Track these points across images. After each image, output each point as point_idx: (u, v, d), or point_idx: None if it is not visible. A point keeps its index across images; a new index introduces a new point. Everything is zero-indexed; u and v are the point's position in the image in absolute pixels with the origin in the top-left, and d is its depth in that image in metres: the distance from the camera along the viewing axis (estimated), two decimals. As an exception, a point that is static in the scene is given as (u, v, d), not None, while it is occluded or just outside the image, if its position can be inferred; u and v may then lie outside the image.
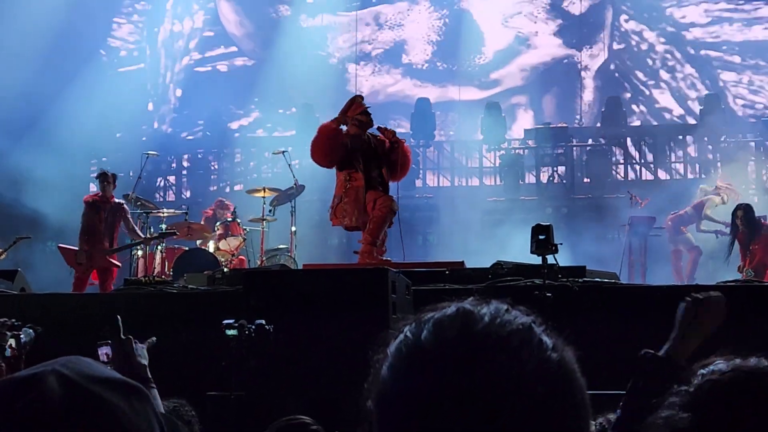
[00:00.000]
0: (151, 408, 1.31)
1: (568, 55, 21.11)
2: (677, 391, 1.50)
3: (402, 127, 20.05)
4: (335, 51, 21.79)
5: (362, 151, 10.04)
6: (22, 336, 4.47)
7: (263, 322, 6.12)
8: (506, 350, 1.16)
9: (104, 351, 5.31)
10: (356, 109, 10.12)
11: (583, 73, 21.07)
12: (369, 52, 21.93)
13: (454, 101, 21.17)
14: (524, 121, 20.89)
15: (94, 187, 12.64)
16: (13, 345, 4.38)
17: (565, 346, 1.23)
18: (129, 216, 12.21)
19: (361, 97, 10.37)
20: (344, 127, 10.13)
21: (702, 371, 1.52)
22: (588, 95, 21.03)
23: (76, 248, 11.97)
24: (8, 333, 4.41)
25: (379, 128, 10.24)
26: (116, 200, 12.25)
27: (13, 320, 4.52)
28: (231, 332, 6.08)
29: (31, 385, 1.25)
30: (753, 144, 18.51)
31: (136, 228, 12.26)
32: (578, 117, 20.84)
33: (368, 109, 10.14)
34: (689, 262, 13.67)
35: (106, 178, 12.08)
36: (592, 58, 21.14)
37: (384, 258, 9.94)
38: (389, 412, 1.19)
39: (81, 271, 11.93)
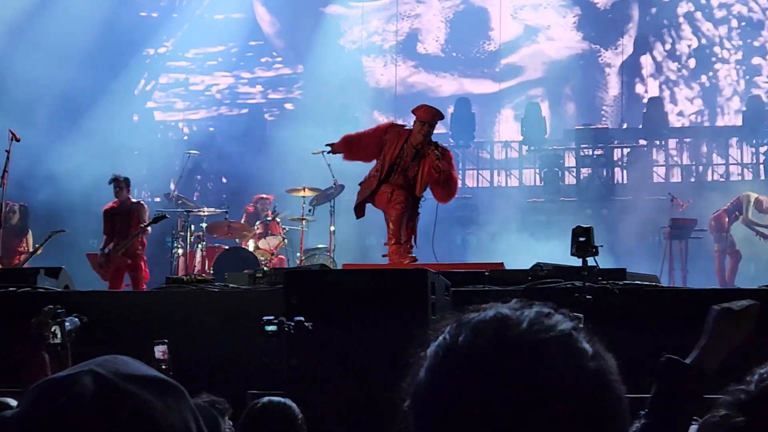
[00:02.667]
0: (187, 405, 1.33)
1: (587, 49, 20.92)
2: (733, 390, 1.50)
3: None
4: (353, 42, 21.80)
5: (394, 146, 10.06)
6: (67, 324, 4.51)
7: (302, 318, 6.15)
8: (542, 357, 1.16)
9: (160, 349, 5.39)
10: (420, 114, 10.15)
11: (607, 69, 20.91)
12: (380, 44, 21.90)
13: (471, 94, 21.15)
14: (543, 112, 20.80)
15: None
16: (58, 333, 4.43)
17: (606, 353, 1.22)
18: (143, 213, 12.21)
19: (432, 111, 10.23)
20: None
21: (761, 371, 1.52)
22: (613, 91, 20.87)
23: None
24: (51, 321, 4.46)
25: (433, 144, 10.15)
26: (133, 200, 12.32)
27: (58, 307, 4.57)
28: (270, 328, 6.11)
29: (66, 386, 1.27)
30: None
31: (145, 221, 12.18)
32: (603, 113, 20.70)
33: (428, 125, 10.08)
34: (729, 267, 13.55)
35: (117, 184, 12.15)
36: (616, 54, 20.95)
37: (411, 255, 10.00)
38: (424, 414, 1.20)
39: (102, 275, 12.06)
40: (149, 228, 12.12)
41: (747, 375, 1.52)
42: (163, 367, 5.36)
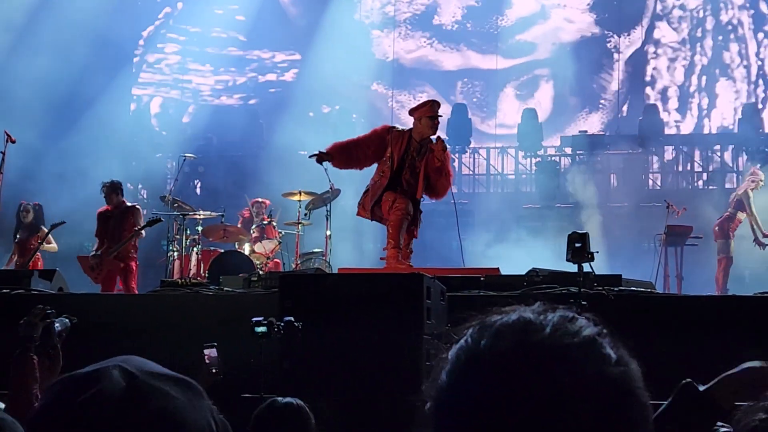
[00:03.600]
0: (207, 404, 1.34)
1: (600, 35, 20.92)
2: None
3: (426, 93, 20.25)
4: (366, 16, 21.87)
5: (401, 150, 10.07)
6: (56, 324, 4.49)
7: (292, 319, 6.14)
8: (564, 362, 1.14)
9: (209, 353, 5.36)
10: (427, 111, 10.15)
11: (615, 55, 20.94)
12: (393, 15, 21.95)
13: (479, 69, 21.20)
14: (544, 93, 20.79)
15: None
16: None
17: (630, 360, 1.20)
18: (137, 217, 12.19)
19: (438, 105, 10.34)
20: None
21: None
22: (616, 82, 20.92)
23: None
24: (40, 322, 4.43)
25: (431, 143, 10.18)
26: (128, 204, 12.29)
27: (47, 308, 4.54)
28: (260, 329, 6.10)
29: (95, 379, 1.29)
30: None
31: (140, 225, 12.19)
32: (603, 102, 20.73)
33: (437, 118, 10.15)
34: (720, 271, 13.52)
35: (107, 190, 12.15)
36: (626, 44, 20.97)
37: (408, 264, 9.99)
38: (445, 418, 1.19)
39: (94, 278, 12.04)
40: (143, 231, 12.10)
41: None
42: (213, 370, 5.34)
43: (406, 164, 10.07)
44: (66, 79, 17.99)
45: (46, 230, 13.31)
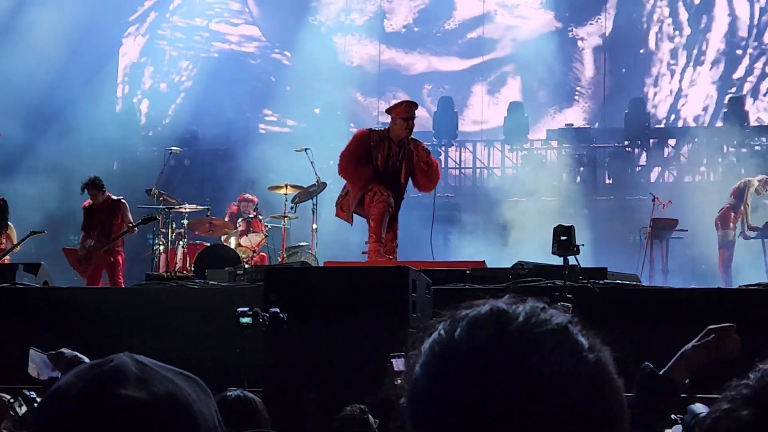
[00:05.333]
0: (213, 403, 1.35)
1: (560, 27, 20.93)
2: (737, 384, 1.48)
3: (397, 98, 20.31)
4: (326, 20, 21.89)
5: (383, 150, 10.10)
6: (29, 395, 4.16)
7: (278, 310, 6.13)
8: (540, 351, 1.15)
9: (399, 362, 5.30)
10: (402, 112, 10.18)
11: (580, 43, 20.98)
12: (351, 21, 21.97)
13: (441, 72, 21.27)
14: (512, 89, 20.83)
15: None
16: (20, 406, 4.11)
17: (603, 347, 1.21)
18: (125, 211, 12.16)
19: (414, 105, 10.39)
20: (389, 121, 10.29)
21: (764, 366, 1.51)
22: (588, 71, 20.98)
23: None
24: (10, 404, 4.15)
25: (412, 140, 10.23)
26: (113, 198, 12.24)
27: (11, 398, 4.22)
28: (245, 320, 6.09)
29: (109, 360, 1.30)
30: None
31: (130, 221, 12.15)
32: (576, 95, 20.79)
33: (412, 120, 10.17)
34: (721, 263, 13.57)
35: (89, 189, 12.08)
36: (590, 34, 21.01)
37: (391, 257, 10.00)
38: (421, 410, 1.19)
39: (81, 271, 12.02)
40: (137, 228, 12.10)
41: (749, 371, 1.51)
42: (398, 381, 5.25)
43: (390, 170, 10.12)
44: (48, 73, 17.93)
45: (11, 226, 13.07)
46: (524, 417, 1.11)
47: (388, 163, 10.12)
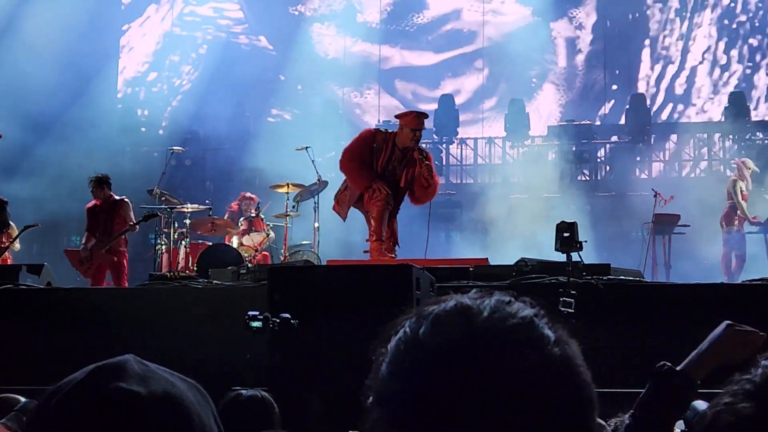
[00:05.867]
0: (212, 408, 1.36)
1: (532, 21, 20.94)
2: (739, 379, 1.48)
3: (372, 89, 20.30)
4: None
5: (386, 152, 10.08)
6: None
7: (288, 316, 6.11)
8: (506, 345, 1.15)
9: None
10: (410, 122, 10.11)
11: (555, 37, 21.00)
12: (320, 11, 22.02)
13: (413, 66, 21.31)
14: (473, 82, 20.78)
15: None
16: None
17: (569, 339, 1.21)
18: (127, 210, 12.16)
19: (424, 116, 10.35)
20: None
21: (764, 361, 1.51)
22: (561, 61, 21.00)
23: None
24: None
25: (419, 149, 10.17)
26: (116, 197, 12.25)
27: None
28: (255, 324, 6.05)
29: (114, 363, 1.31)
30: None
31: (132, 219, 12.15)
32: (560, 86, 20.83)
33: (419, 131, 10.12)
34: (734, 266, 13.58)
35: (94, 185, 12.12)
36: (567, 26, 21.05)
37: (392, 256, 9.98)
38: (389, 410, 1.18)
39: (84, 272, 12.03)
40: (137, 226, 12.08)
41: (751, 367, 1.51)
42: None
43: (388, 174, 10.09)
44: (48, 74, 17.94)
45: (13, 226, 13.11)
46: (493, 412, 1.11)
47: (388, 167, 10.09)
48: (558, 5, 20.67)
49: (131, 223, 11.94)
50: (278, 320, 6.08)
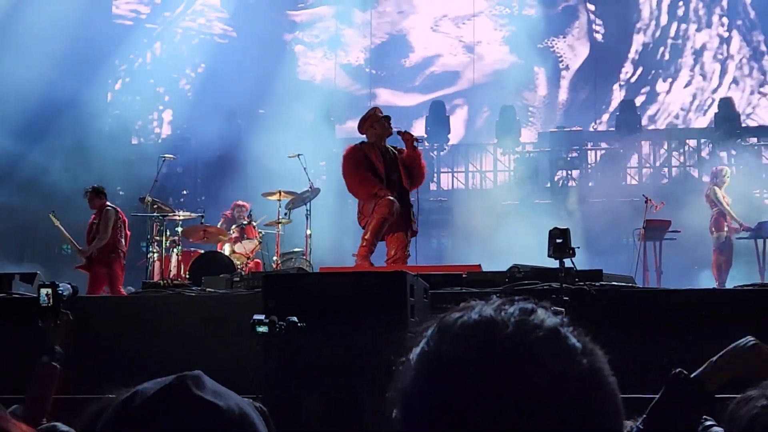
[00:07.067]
0: (263, 421, 1.43)
1: (516, 62, 21.15)
2: (764, 385, 1.48)
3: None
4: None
5: (383, 156, 10.11)
6: (60, 288, 4.49)
7: (295, 319, 6.08)
8: (532, 358, 1.12)
9: None
10: (374, 117, 10.24)
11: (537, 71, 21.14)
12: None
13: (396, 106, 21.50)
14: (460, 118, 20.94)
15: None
16: (50, 293, 4.40)
17: (595, 347, 1.18)
18: (105, 218, 12.23)
19: (380, 110, 10.48)
20: (365, 138, 10.25)
21: None
22: (541, 91, 21.15)
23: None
24: (57, 328, 4.42)
25: (398, 132, 10.30)
26: (107, 206, 12.37)
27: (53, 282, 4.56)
28: (261, 329, 5.99)
29: (191, 374, 1.38)
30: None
31: (109, 228, 12.26)
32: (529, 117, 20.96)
33: (387, 119, 10.22)
34: (721, 269, 13.65)
35: (87, 195, 12.35)
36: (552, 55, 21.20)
37: (367, 262, 9.97)
38: (415, 423, 1.16)
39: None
40: (83, 254, 12.15)
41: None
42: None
43: (391, 181, 10.10)
44: (42, 79, 17.91)
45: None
46: (518, 427, 1.09)
47: (388, 171, 10.12)
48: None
49: (85, 245, 12.15)
50: (284, 324, 6.04)
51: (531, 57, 20.71)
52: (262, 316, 5.97)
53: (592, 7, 21.17)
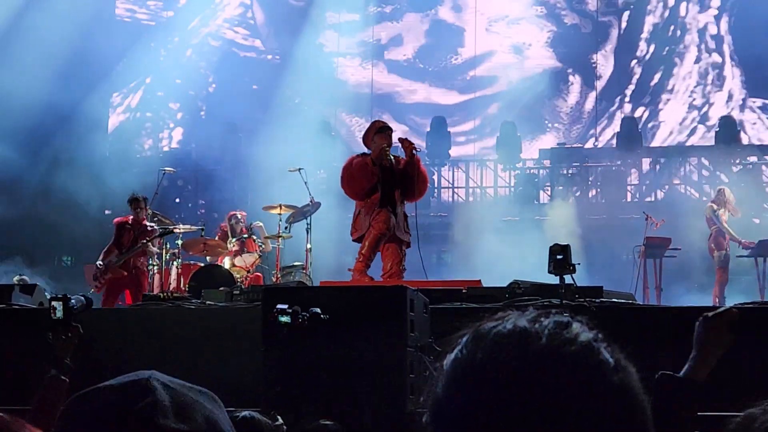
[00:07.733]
0: (223, 410, 1.38)
1: (557, 67, 21.22)
2: (761, 402, 1.48)
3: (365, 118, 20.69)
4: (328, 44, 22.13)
5: (382, 168, 10.14)
6: (72, 301, 4.52)
7: (318, 310, 6.03)
8: (565, 372, 1.12)
9: None
10: (373, 129, 10.37)
11: (572, 82, 21.19)
12: (354, 48, 22.21)
13: (437, 104, 21.49)
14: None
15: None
16: (58, 308, 4.43)
17: (628, 363, 1.19)
18: (152, 237, 12.30)
19: (381, 122, 10.55)
20: (368, 150, 10.31)
21: None
22: (572, 99, 21.21)
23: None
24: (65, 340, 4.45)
25: (399, 139, 10.37)
26: (147, 224, 12.37)
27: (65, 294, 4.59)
28: (284, 319, 5.93)
29: (141, 389, 1.32)
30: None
31: (153, 248, 12.37)
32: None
33: (388, 130, 10.28)
34: (717, 283, 13.66)
35: (137, 204, 12.33)
36: (587, 71, 21.27)
37: (371, 278, 9.99)
38: (444, 429, 1.17)
39: (98, 289, 12.05)
40: (151, 244, 12.19)
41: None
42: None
43: (392, 184, 10.15)
44: (45, 92, 17.95)
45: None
46: None
47: (385, 182, 10.15)
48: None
49: (143, 241, 12.10)
50: (308, 314, 5.97)
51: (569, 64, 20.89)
52: (285, 306, 5.88)
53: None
